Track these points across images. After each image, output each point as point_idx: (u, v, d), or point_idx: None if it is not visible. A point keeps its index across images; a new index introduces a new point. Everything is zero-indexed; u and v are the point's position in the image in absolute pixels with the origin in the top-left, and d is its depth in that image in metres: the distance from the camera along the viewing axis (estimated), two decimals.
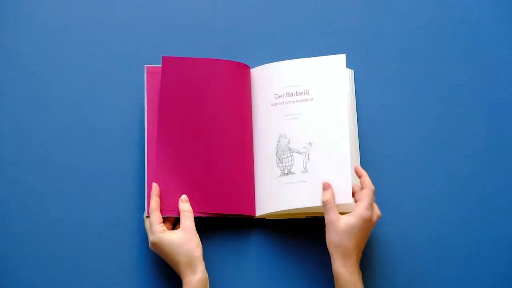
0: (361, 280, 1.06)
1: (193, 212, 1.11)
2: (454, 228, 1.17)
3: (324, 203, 1.07)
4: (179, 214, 1.11)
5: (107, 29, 1.23)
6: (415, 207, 1.18)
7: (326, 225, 1.07)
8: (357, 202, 1.08)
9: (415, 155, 1.20)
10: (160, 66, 1.15)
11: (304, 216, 1.15)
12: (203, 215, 1.12)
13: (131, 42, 1.23)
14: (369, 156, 1.19)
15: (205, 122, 1.15)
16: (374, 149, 1.20)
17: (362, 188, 1.09)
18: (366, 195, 1.08)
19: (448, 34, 1.26)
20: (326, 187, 1.09)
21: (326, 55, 1.16)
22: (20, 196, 1.15)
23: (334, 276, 1.06)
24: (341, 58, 1.16)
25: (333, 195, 1.08)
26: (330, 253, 1.06)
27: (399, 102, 1.23)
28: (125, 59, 1.22)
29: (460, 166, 1.20)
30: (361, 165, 1.17)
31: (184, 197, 1.12)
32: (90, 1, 1.24)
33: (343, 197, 1.09)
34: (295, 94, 1.17)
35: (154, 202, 1.10)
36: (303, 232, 1.16)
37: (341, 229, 1.05)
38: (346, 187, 1.09)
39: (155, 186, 1.11)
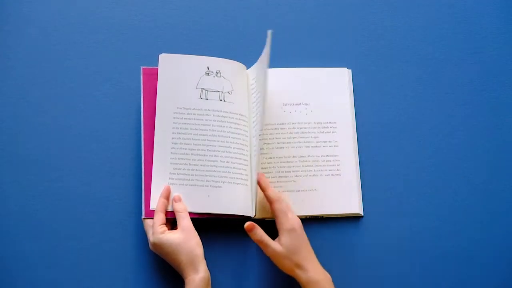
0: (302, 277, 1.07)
1: (192, 213, 1.11)
2: (454, 228, 1.17)
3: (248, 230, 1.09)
4: (174, 215, 1.11)
5: (105, 29, 1.23)
6: (414, 207, 1.18)
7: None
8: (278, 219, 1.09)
9: (414, 155, 1.20)
10: (156, 68, 1.16)
11: (304, 217, 1.16)
12: (201, 216, 1.12)
13: (129, 43, 1.23)
14: (368, 156, 1.19)
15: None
16: (374, 149, 1.20)
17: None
18: (277, 208, 1.10)
19: (448, 34, 1.26)
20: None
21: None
22: (19, 196, 1.15)
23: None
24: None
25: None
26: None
27: (398, 102, 1.23)
28: (123, 60, 1.22)
29: (460, 166, 1.20)
30: (360, 165, 1.17)
31: (177, 196, 1.11)
32: (89, 2, 1.25)
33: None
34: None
35: (161, 204, 1.10)
36: None
37: (282, 248, 1.07)
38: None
39: (166, 188, 1.11)
